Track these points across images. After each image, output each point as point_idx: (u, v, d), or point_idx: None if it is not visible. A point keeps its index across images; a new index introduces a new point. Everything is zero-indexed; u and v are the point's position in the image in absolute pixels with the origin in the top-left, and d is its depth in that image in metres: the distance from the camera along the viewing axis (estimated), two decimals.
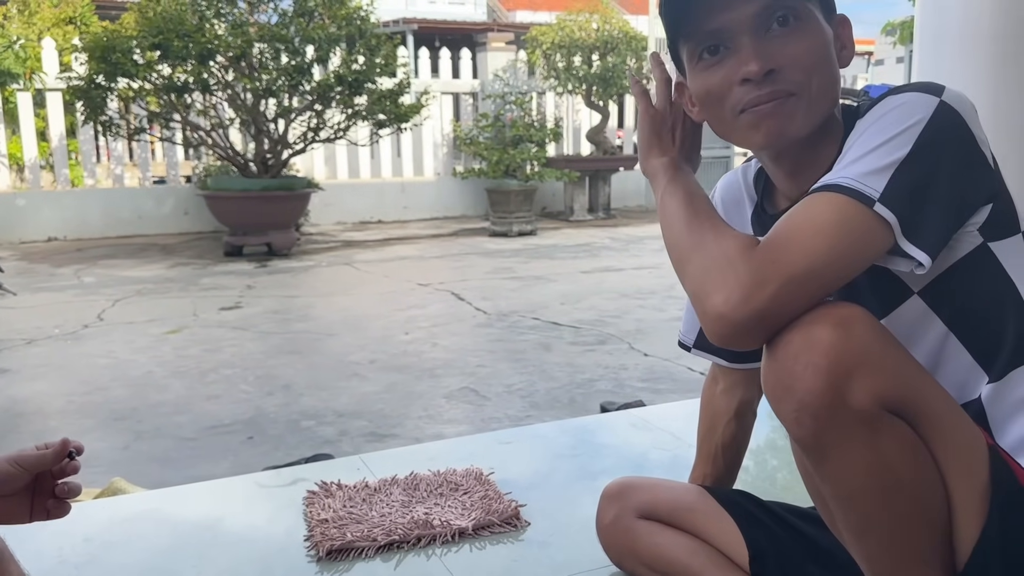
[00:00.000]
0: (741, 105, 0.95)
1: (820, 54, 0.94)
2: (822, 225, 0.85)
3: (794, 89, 0.93)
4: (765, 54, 0.92)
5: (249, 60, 6.67)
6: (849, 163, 0.88)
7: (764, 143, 0.98)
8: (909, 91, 0.90)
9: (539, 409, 3.03)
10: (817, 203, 0.87)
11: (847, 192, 0.85)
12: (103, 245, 7.42)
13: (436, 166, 9.51)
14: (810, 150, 0.99)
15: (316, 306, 5.02)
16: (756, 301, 0.84)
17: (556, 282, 5.59)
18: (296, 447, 2.65)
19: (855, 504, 0.87)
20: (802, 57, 0.93)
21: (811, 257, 0.84)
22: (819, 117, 0.96)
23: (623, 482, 1.34)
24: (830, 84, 0.96)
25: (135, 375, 3.51)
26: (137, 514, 1.69)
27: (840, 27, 0.99)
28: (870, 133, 0.89)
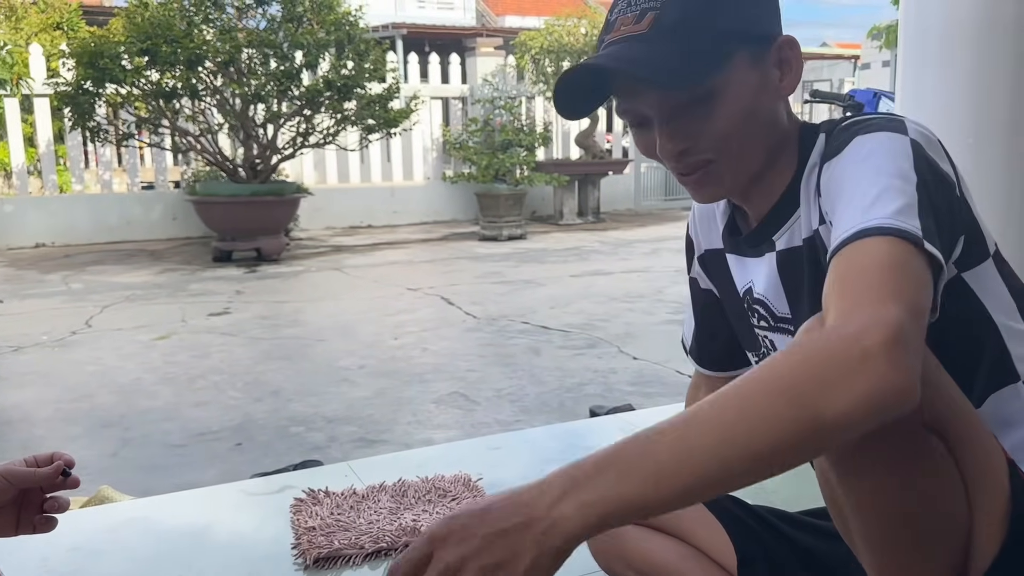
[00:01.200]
0: (670, 168, 0.98)
1: (738, 116, 0.92)
2: (885, 263, 0.75)
3: (712, 157, 0.93)
4: (677, 135, 0.93)
5: (238, 65, 6.66)
6: (866, 207, 0.80)
7: (704, 202, 1.01)
8: (879, 130, 0.88)
9: (529, 414, 3.03)
10: (858, 252, 0.77)
11: (892, 233, 0.77)
12: (91, 251, 7.38)
13: (426, 171, 9.51)
14: (756, 184, 0.99)
15: (305, 311, 5.01)
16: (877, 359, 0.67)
17: (545, 286, 5.59)
18: (285, 453, 2.65)
19: (880, 519, 0.84)
20: (715, 130, 0.92)
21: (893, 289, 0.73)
22: (751, 167, 0.96)
23: None
24: (756, 136, 0.94)
25: (123, 382, 3.49)
26: (123, 523, 1.68)
27: (783, 51, 0.95)
28: (865, 176, 0.84)
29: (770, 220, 1.01)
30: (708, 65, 0.90)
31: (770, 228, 1.01)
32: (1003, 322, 0.93)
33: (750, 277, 1.07)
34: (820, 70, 16.79)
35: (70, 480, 1.05)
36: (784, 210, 0.99)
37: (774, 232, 1.01)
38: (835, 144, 0.91)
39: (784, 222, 0.99)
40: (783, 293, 1.02)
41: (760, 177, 0.98)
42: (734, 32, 0.92)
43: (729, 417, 0.68)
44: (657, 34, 0.90)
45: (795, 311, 1.02)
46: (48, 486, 1.05)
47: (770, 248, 1.02)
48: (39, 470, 1.03)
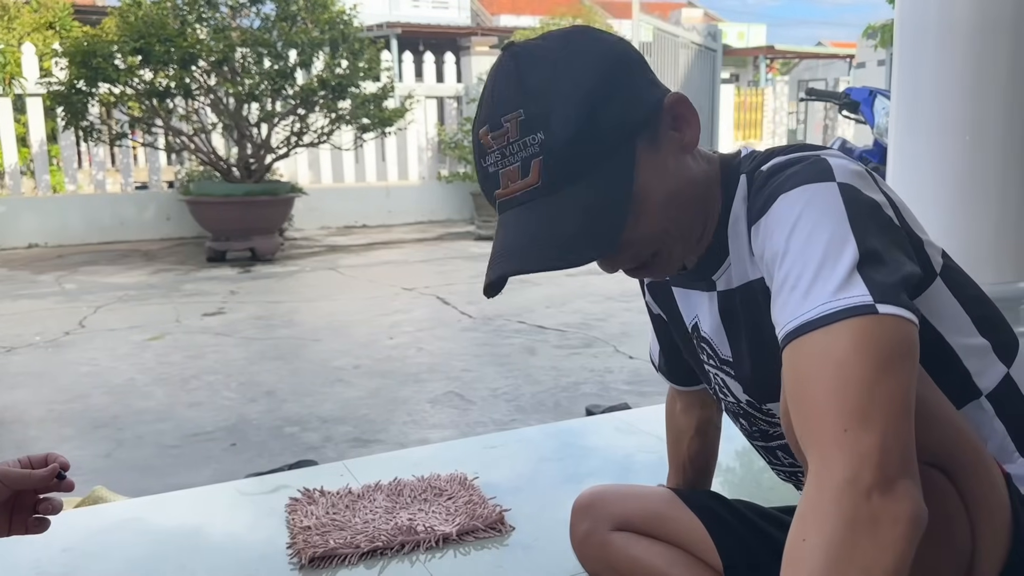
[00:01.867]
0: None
1: (665, 206, 0.88)
2: (836, 362, 0.72)
3: (656, 248, 0.90)
4: (616, 263, 0.91)
5: (232, 65, 6.64)
6: (806, 289, 0.76)
7: (659, 279, 1.00)
8: (802, 183, 0.82)
9: (524, 413, 3.02)
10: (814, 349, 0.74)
11: (844, 315, 0.73)
12: (84, 252, 7.36)
13: (421, 170, 9.49)
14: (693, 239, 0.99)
15: (300, 311, 4.99)
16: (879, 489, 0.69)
17: (541, 285, 5.59)
18: (280, 454, 2.63)
19: None
20: (651, 230, 0.88)
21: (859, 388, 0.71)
22: (694, 235, 0.94)
23: (593, 493, 1.32)
24: (686, 208, 0.91)
25: (117, 382, 3.48)
26: (117, 523, 1.67)
27: (673, 110, 0.90)
28: (797, 246, 0.79)
29: (704, 264, 0.99)
30: (621, 194, 0.84)
31: (707, 269, 0.99)
32: (959, 343, 0.90)
33: (695, 312, 1.06)
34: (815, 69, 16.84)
35: (65, 483, 1.04)
36: (716, 254, 0.97)
37: (712, 272, 0.99)
38: (758, 201, 0.87)
39: (719, 265, 0.97)
40: (725, 336, 1.01)
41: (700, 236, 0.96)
42: (624, 131, 0.85)
43: None
44: (551, 184, 0.83)
45: (735, 354, 1.01)
46: (42, 488, 1.04)
47: (711, 287, 1.01)
48: (34, 472, 1.02)
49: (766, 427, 1.06)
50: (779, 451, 1.09)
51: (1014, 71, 1.82)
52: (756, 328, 0.95)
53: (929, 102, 1.89)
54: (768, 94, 14.81)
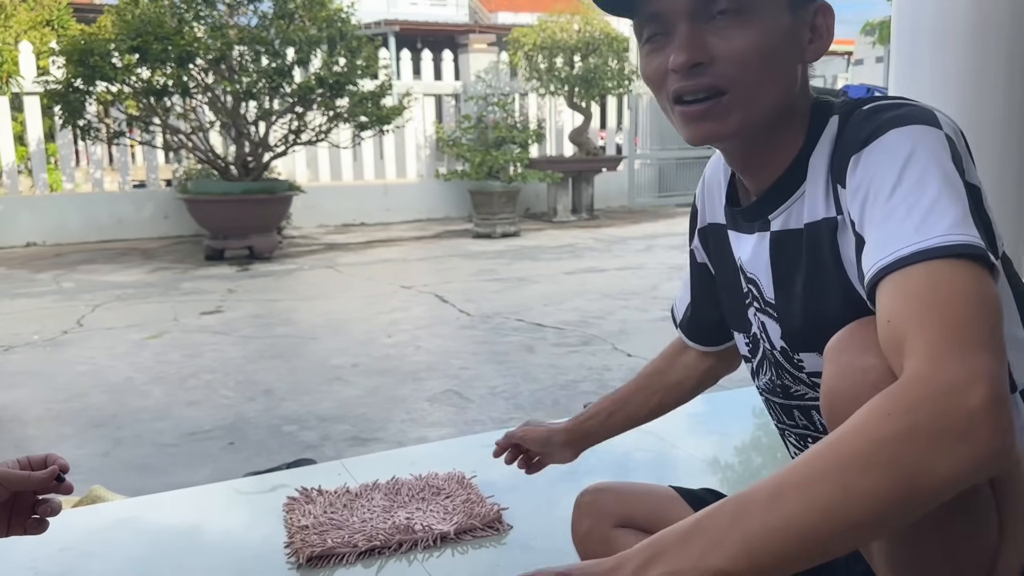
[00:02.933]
0: (673, 95, 0.91)
1: (765, 48, 0.87)
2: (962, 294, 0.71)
3: (724, 86, 0.88)
4: (697, 45, 0.87)
5: (229, 63, 6.63)
6: (920, 221, 0.75)
7: (694, 141, 0.93)
8: (912, 123, 0.82)
9: (523, 411, 3.02)
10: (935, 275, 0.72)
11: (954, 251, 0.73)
12: (82, 250, 7.35)
13: (419, 168, 9.49)
14: (759, 146, 0.94)
15: (298, 310, 4.99)
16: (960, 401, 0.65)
17: (539, 283, 5.59)
18: (278, 452, 2.64)
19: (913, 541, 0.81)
20: (740, 52, 0.86)
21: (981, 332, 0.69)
22: (759, 116, 0.90)
23: (595, 490, 1.32)
24: (775, 81, 0.89)
25: (115, 381, 3.48)
26: (115, 523, 1.67)
27: (818, 16, 0.92)
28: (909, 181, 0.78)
29: (769, 196, 0.96)
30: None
31: (767, 205, 0.97)
32: (1008, 333, 0.90)
33: (741, 252, 1.03)
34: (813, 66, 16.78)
35: (64, 486, 1.03)
36: (785, 187, 0.94)
37: (771, 210, 0.96)
38: (861, 132, 0.85)
39: (783, 201, 0.95)
40: (771, 277, 0.98)
41: (764, 140, 0.93)
42: None
43: (825, 489, 0.64)
44: None
45: (780, 297, 0.98)
46: (42, 489, 1.04)
47: (764, 227, 0.98)
48: (34, 474, 1.02)
49: (790, 382, 1.04)
50: (795, 410, 1.07)
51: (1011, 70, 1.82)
52: (816, 272, 0.91)
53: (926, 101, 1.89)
54: None
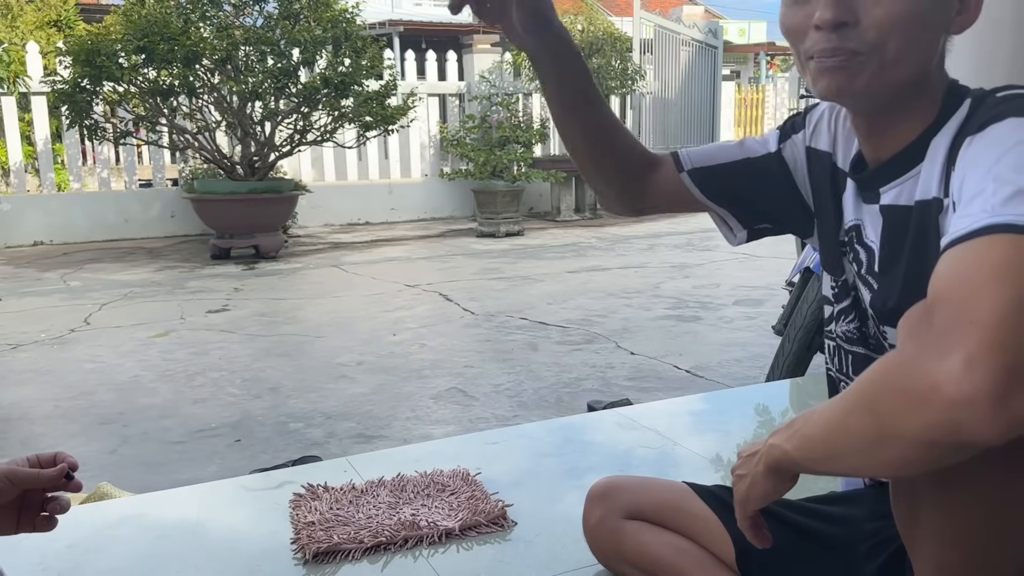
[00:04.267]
0: (811, 51, 0.91)
1: (911, 16, 0.87)
2: (1013, 266, 0.68)
3: (862, 49, 0.88)
4: (844, 4, 0.88)
5: (235, 63, 6.65)
6: (1003, 199, 0.74)
7: (823, 95, 0.93)
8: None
9: (526, 409, 3.04)
10: (994, 246, 0.71)
11: (1021, 230, 0.71)
12: (89, 249, 7.38)
13: (423, 167, 9.51)
14: (888, 115, 0.94)
15: (304, 308, 5.01)
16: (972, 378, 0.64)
17: (543, 282, 5.60)
18: (284, 450, 2.65)
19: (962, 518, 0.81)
20: (886, 17, 0.86)
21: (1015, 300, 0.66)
22: (892, 83, 0.90)
23: (608, 482, 1.35)
24: (914, 50, 0.89)
25: (122, 379, 3.50)
26: (121, 519, 1.68)
27: None
28: (1009, 163, 0.77)
29: (886, 168, 0.96)
30: None
31: (882, 177, 0.97)
32: None
33: (860, 217, 1.03)
34: None
35: (73, 483, 1.05)
36: (904, 162, 0.94)
37: (884, 183, 0.96)
38: (982, 117, 0.85)
39: (899, 175, 0.95)
40: (876, 253, 0.99)
41: (893, 108, 0.93)
42: None
43: (838, 418, 0.77)
44: None
45: (882, 271, 0.98)
46: (51, 487, 1.05)
47: (873, 199, 0.98)
48: (43, 472, 1.03)
49: (856, 335, 1.06)
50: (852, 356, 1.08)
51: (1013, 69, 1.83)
52: (920, 253, 0.91)
53: None
54: (769, 91, 14.79)
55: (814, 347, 2.65)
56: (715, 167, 1.19)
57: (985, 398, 0.64)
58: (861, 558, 1.10)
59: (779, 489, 0.88)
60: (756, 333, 4.09)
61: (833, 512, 1.19)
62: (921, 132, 0.93)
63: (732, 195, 1.19)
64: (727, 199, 1.20)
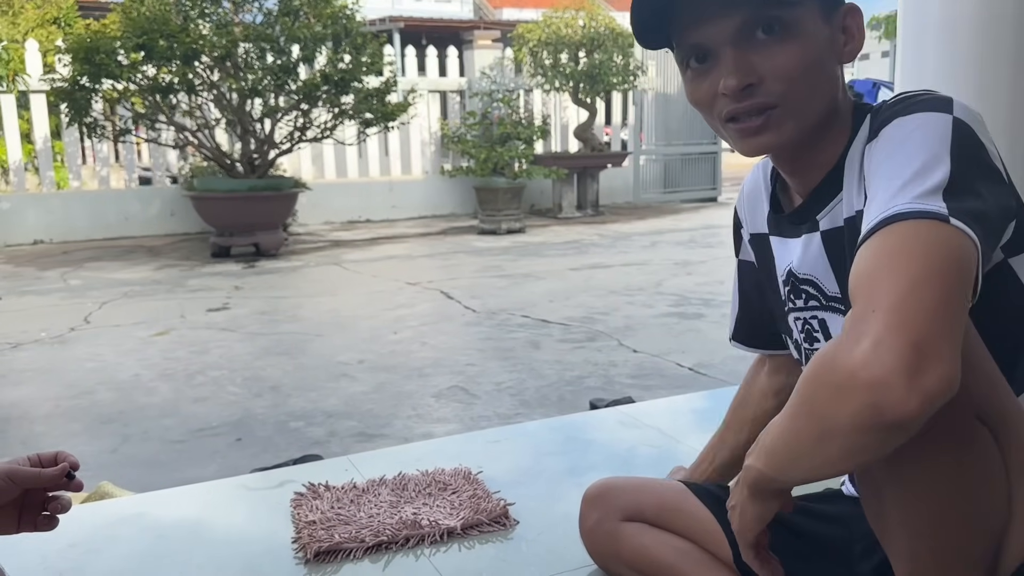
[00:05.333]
0: (725, 116, 0.95)
1: (808, 61, 0.92)
2: (904, 251, 0.74)
3: (775, 101, 0.92)
4: (745, 67, 0.91)
5: (234, 60, 6.64)
6: (892, 193, 0.79)
7: (751, 154, 0.98)
8: (920, 111, 0.87)
9: (528, 407, 3.03)
10: (886, 238, 0.77)
11: (914, 216, 0.76)
12: (89, 248, 7.38)
13: (424, 165, 9.49)
14: (808, 149, 0.98)
15: (304, 306, 5.00)
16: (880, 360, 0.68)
17: (545, 279, 5.59)
18: (285, 448, 2.64)
19: (922, 505, 0.83)
20: (785, 68, 0.91)
21: (909, 280, 0.71)
22: (808, 123, 0.95)
23: (604, 484, 1.33)
24: (820, 88, 0.94)
25: (122, 378, 3.49)
26: (122, 519, 1.68)
27: (847, 18, 0.96)
28: (897, 160, 0.83)
29: (814, 198, 1.00)
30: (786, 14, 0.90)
31: (814, 207, 1.01)
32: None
33: (790, 257, 1.07)
34: None
35: (74, 483, 1.04)
36: (829, 188, 0.98)
37: (818, 211, 1.00)
38: (876, 124, 0.90)
39: (828, 201, 0.99)
40: (831, 272, 1.01)
41: (811, 143, 0.97)
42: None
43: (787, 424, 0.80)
44: None
45: (844, 290, 1.00)
46: (52, 487, 1.04)
47: (813, 228, 1.02)
48: (44, 471, 1.03)
49: None
50: None
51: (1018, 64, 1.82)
52: None
53: None
54: None
55: None
56: (738, 316, 1.31)
57: (897, 376, 0.68)
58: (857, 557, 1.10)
59: (768, 509, 0.87)
60: None
61: (829, 511, 1.19)
62: (838, 157, 0.98)
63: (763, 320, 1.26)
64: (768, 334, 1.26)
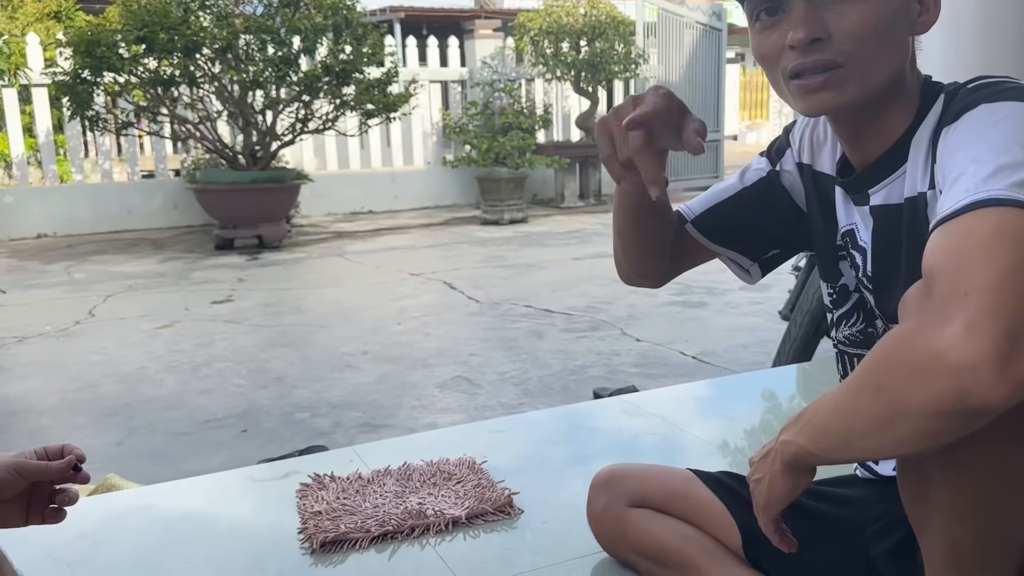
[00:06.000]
0: (789, 71, 0.93)
1: (879, 23, 0.89)
2: (999, 236, 0.71)
3: (841, 60, 0.90)
4: (815, 21, 0.90)
5: (235, 52, 6.62)
6: (983, 178, 0.76)
7: (809, 113, 0.96)
8: (1009, 99, 0.84)
9: (532, 396, 3.03)
10: (978, 221, 0.73)
11: (1011, 204, 0.73)
12: (93, 241, 7.39)
13: (426, 155, 9.48)
14: (870, 117, 0.96)
15: (308, 298, 5.01)
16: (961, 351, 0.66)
17: (548, 269, 5.59)
18: (290, 439, 2.66)
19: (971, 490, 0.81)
20: (856, 27, 0.89)
21: (1005, 266, 0.68)
22: (873, 88, 0.92)
23: (612, 470, 1.34)
24: (889, 54, 0.92)
25: (127, 371, 3.50)
26: (129, 510, 1.69)
27: None
28: (986, 145, 0.80)
29: (873, 170, 0.98)
30: None
31: (870, 179, 0.98)
32: None
33: (853, 221, 1.05)
34: None
35: (80, 475, 1.05)
36: (889, 163, 0.96)
37: (871, 185, 0.98)
38: (956, 108, 0.88)
39: (886, 176, 0.97)
40: (871, 252, 1.00)
41: (873, 112, 0.95)
42: None
43: (847, 404, 0.77)
44: None
45: (878, 272, 0.99)
46: (59, 479, 1.05)
47: (863, 201, 1.00)
48: (51, 464, 1.04)
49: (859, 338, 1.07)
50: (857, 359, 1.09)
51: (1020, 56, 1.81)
52: (919, 250, 0.91)
53: None
54: None
55: (820, 332, 2.64)
56: (716, 207, 1.23)
57: (988, 361, 0.65)
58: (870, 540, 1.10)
59: (800, 485, 0.87)
60: (762, 318, 4.09)
61: (842, 494, 1.19)
62: (902, 131, 0.95)
63: (736, 229, 1.22)
64: (732, 237, 1.23)
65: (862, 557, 1.10)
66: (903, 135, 0.95)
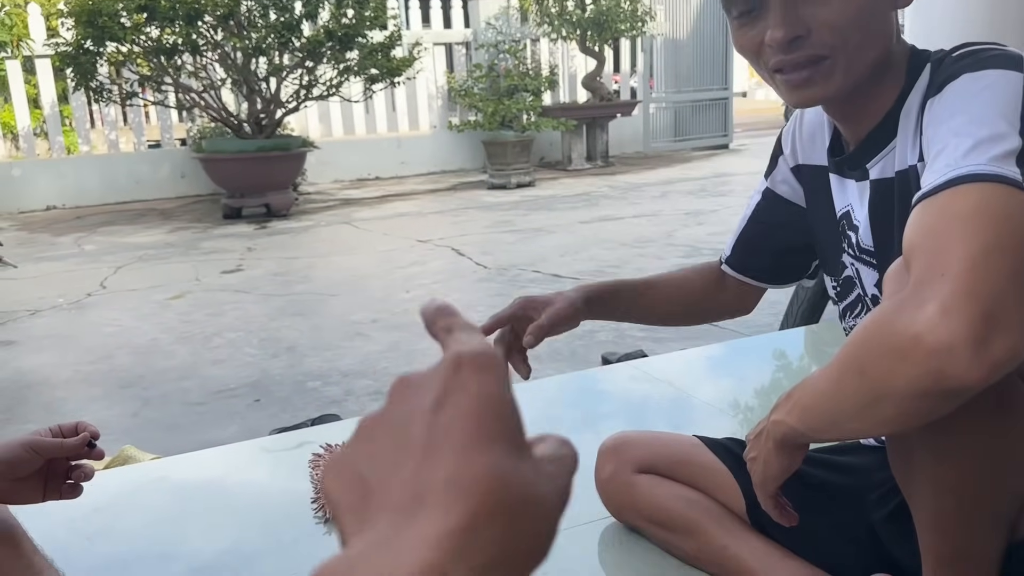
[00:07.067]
0: (772, 66, 0.92)
1: (859, 10, 0.88)
2: (977, 214, 0.71)
3: (825, 52, 0.89)
4: (792, 19, 0.88)
5: (238, 19, 6.57)
6: (963, 152, 0.76)
7: (800, 106, 0.96)
8: (991, 67, 0.83)
9: (540, 362, 3.05)
10: (956, 198, 0.73)
11: (989, 179, 0.73)
12: (102, 212, 7.41)
13: (431, 119, 9.42)
14: (859, 98, 0.95)
15: (317, 266, 5.03)
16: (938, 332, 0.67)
17: (555, 233, 5.58)
18: (303, 408, 2.68)
19: (954, 462, 0.83)
20: (837, 17, 0.88)
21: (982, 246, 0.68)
22: (859, 74, 0.92)
23: (620, 437, 1.36)
24: (872, 38, 0.91)
25: (140, 342, 3.54)
26: (145, 483, 1.72)
27: None
28: (966, 117, 0.80)
29: (866, 146, 0.98)
30: None
31: (865, 154, 0.98)
32: None
33: (849, 200, 1.05)
34: None
35: (95, 452, 1.08)
36: (881, 136, 0.96)
37: (868, 159, 0.98)
38: (940, 78, 0.87)
39: (880, 150, 0.96)
40: (869, 226, 1.00)
41: (863, 91, 0.94)
42: None
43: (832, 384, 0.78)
44: None
45: (878, 245, 1.00)
46: (74, 456, 1.07)
47: (863, 176, 1.00)
48: (65, 442, 1.06)
49: None
50: None
51: None
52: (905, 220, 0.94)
53: None
54: None
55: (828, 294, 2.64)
56: (739, 238, 1.29)
57: (964, 343, 0.66)
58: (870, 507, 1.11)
59: (794, 461, 0.89)
60: None
61: (841, 462, 1.20)
62: (892, 105, 0.95)
63: (765, 254, 1.27)
64: (764, 266, 1.28)
65: (863, 522, 1.12)
66: (892, 108, 0.95)
